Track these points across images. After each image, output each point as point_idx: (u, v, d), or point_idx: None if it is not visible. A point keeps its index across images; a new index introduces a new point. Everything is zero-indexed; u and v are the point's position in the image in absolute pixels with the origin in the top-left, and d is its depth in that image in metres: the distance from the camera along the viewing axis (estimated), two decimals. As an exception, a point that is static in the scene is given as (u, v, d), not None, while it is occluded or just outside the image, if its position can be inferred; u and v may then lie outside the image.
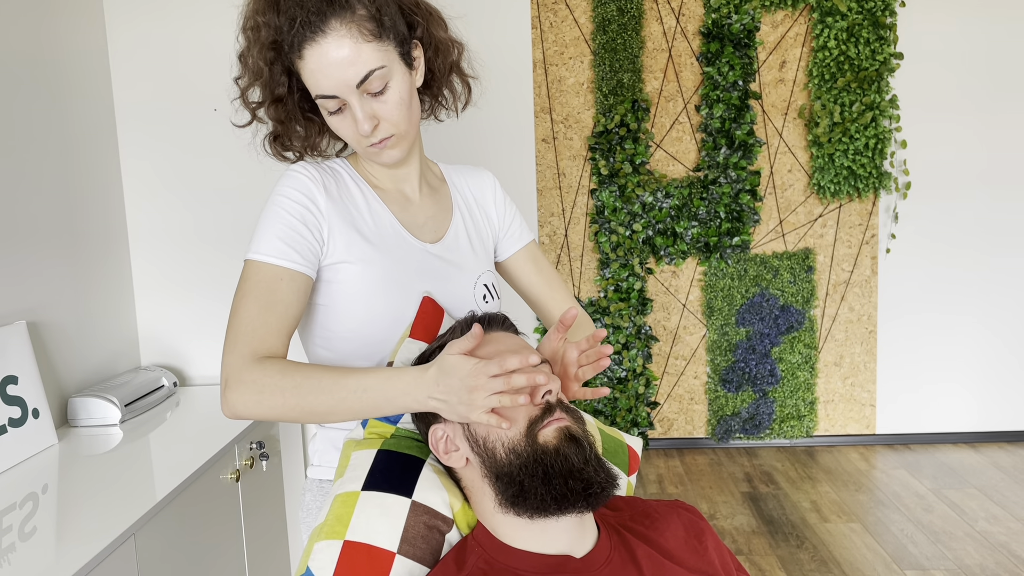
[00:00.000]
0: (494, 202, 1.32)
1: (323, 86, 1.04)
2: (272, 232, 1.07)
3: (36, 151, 1.98)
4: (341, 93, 1.04)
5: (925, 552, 2.74)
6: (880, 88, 3.57)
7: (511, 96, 3.71)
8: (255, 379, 0.99)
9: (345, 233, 1.12)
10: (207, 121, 2.30)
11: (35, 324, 1.95)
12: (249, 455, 1.96)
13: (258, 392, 0.98)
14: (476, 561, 0.92)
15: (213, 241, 2.35)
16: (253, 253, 1.07)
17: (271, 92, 1.10)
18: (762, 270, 3.76)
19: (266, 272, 1.05)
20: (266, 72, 1.07)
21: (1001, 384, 3.81)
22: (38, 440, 1.80)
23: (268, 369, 0.99)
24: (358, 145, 1.11)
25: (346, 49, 1.02)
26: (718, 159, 3.67)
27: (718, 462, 3.71)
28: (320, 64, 1.02)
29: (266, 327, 1.03)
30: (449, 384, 0.90)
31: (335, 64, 1.02)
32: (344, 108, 1.07)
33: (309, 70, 1.04)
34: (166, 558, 1.53)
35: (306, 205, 1.10)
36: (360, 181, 1.18)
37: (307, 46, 1.02)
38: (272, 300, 1.04)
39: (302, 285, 1.07)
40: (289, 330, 1.06)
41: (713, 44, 3.60)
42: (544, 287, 1.33)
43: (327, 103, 1.06)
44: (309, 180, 1.11)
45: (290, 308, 1.05)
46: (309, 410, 0.99)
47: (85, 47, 2.19)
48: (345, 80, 1.03)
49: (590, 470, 0.90)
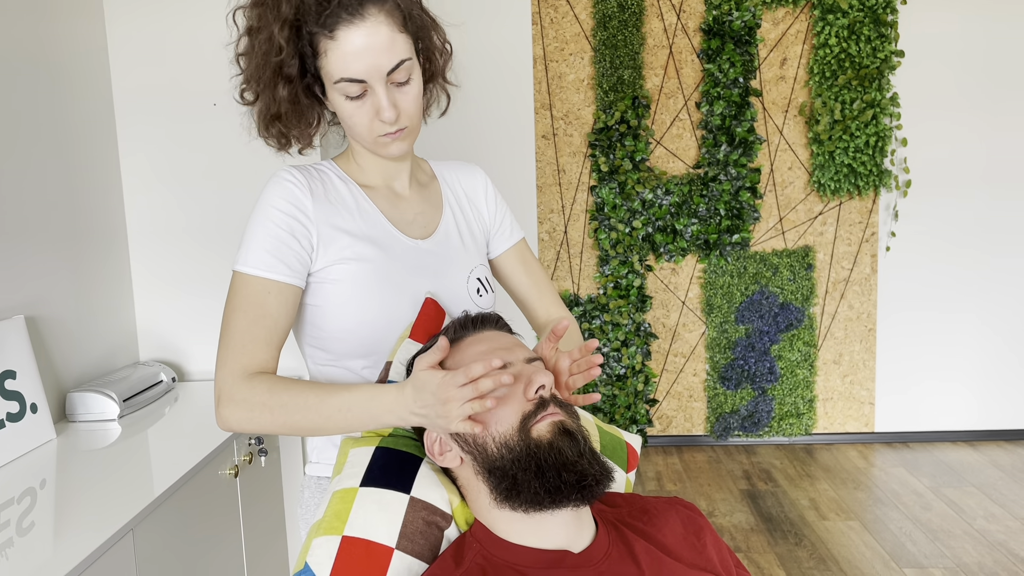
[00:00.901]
0: (485, 198, 1.31)
1: (353, 69, 1.03)
2: (258, 243, 1.07)
3: (35, 145, 1.98)
4: (370, 78, 1.04)
5: (923, 550, 2.74)
6: (881, 86, 3.57)
7: (511, 92, 3.71)
8: (245, 397, 1.01)
9: (335, 235, 1.11)
10: (207, 116, 2.29)
11: (33, 319, 1.94)
12: (248, 451, 1.96)
13: (248, 410, 1.01)
14: (474, 557, 0.92)
15: (212, 236, 2.34)
16: (241, 265, 1.07)
17: (283, 71, 1.07)
18: (762, 267, 3.76)
19: (254, 285, 1.06)
20: (284, 49, 1.05)
21: (1000, 383, 3.81)
22: (36, 435, 1.80)
23: (257, 388, 1.01)
24: (370, 135, 1.09)
25: (383, 35, 1.02)
26: (718, 156, 3.66)
27: (717, 459, 3.71)
28: (355, 47, 1.02)
29: (255, 342, 1.05)
30: (424, 400, 0.91)
31: (370, 49, 1.02)
32: (365, 95, 1.06)
33: (340, 52, 1.03)
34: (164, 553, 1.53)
35: (293, 214, 1.09)
36: (348, 180, 1.18)
37: (341, 27, 1.01)
38: (261, 314, 1.05)
39: (290, 297, 1.08)
40: (279, 342, 1.07)
41: (714, 41, 3.59)
42: (532, 288, 1.33)
43: (350, 88, 1.05)
44: (295, 186, 1.11)
45: (279, 321, 1.07)
46: (298, 428, 1.01)
47: (84, 41, 2.19)
48: (377, 66, 1.03)
49: (584, 463, 0.90)
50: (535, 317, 1.33)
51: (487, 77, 3.70)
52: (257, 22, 1.07)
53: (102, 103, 2.26)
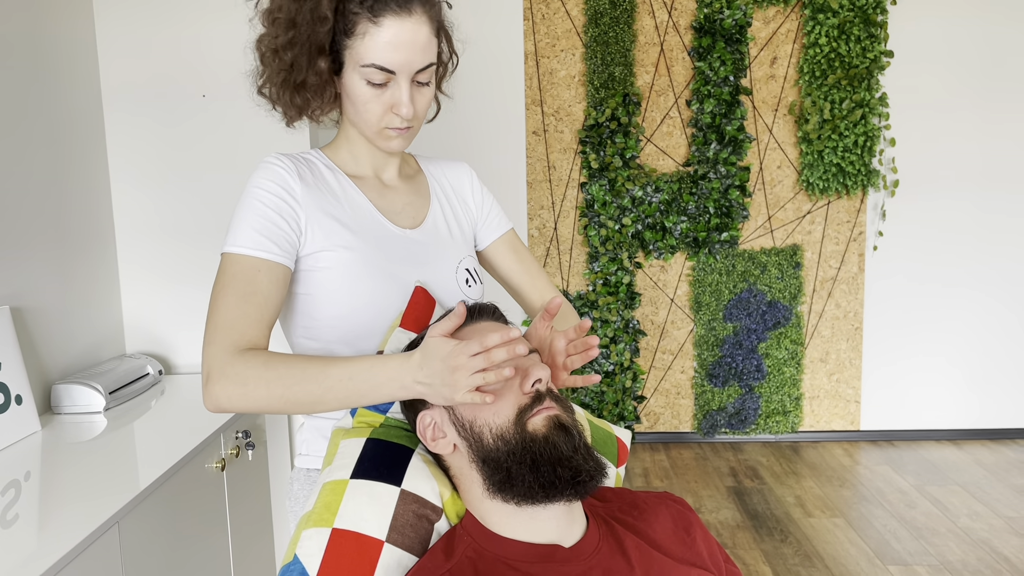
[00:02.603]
0: (471, 190, 1.33)
1: (387, 59, 1.04)
2: (248, 224, 1.06)
3: (23, 138, 1.96)
4: (400, 71, 1.05)
5: (908, 548, 2.76)
6: (870, 86, 3.59)
7: (502, 88, 3.70)
8: (238, 372, 0.98)
9: (323, 220, 1.11)
10: (195, 110, 2.28)
11: (19, 310, 1.93)
12: (235, 444, 1.94)
13: (242, 384, 0.98)
14: (465, 550, 0.92)
15: (200, 229, 2.33)
16: (229, 246, 1.06)
17: (321, 41, 1.06)
18: (750, 266, 3.77)
19: (244, 264, 1.05)
20: (331, 20, 1.04)
21: (985, 382, 3.85)
22: (21, 427, 1.79)
23: (251, 361, 0.99)
24: (377, 124, 1.10)
25: (424, 34, 1.05)
26: (708, 154, 3.67)
27: (703, 456, 3.72)
28: (398, 38, 1.03)
29: (246, 319, 1.02)
30: (432, 367, 0.90)
31: (411, 44, 1.04)
32: (387, 85, 1.07)
33: (380, 39, 1.03)
34: (150, 547, 1.52)
35: (281, 196, 1.09)
36: (336, 170, 1.18)
37: (389, 15, 1.03)
38: (251, 291, 1.03)
39: (280, 276, 1.07)
40: (269, 321, 1.05)
41: (705, 39, 3.60)
42: (524, 275, 1.34)
43: (376, 75, 1.05)
44: (283, 170, 1.11)
45: (270, 299, 1.05)
46: (295, 400, 0.98)
47: (72, 32, 2.16)
48: (411, 62, 1.05)
49: (579, 458, 0.90)
50: (529, 302, 1.34)
51: (478, 73, 3.69)
52: None
53: (90, 96, 2.24)
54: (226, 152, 2.29)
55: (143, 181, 2.31)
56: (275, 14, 1.09)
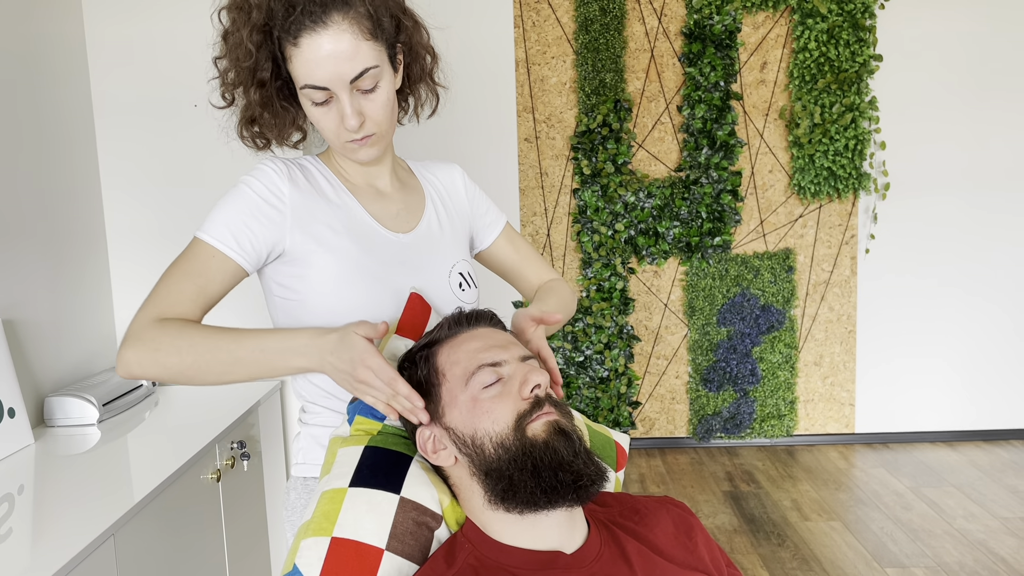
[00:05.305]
0: (464, 191, 1.34)
1: (316, 76, 1.03)
2: (223, 218, 1.08)
3: (13, 147, 1.95)
4: (332, 86, 1.04)
5: (905, 550, 2.76)
6: (860, 90, 3.60)
7: (494, 95, 3.70)
8: (152, 336, 1.00)
9: (311, 224, 1.11)
10: (187, 117, 2.27)
11: (11, 322, 1.91)
12: (230, 455, 1.93)
13: (154, 350, 0.99)
14: (466, 558, 0.91)
15: (193, 239, 2.32)
16: (200, 232, 1.08)
17: (254, 75, 1.08)
18: (743, 270, 3.78)
19: (203, 250, 1.07)
20: (253, 54, 1.06)
21: (978, 383, 3.86)
22: (14, 440, 1.77)
23: (168, 328, 1.01)
24: (337, 139, 1.11)
25: (345, 44, 1.02)
26: (700, 159, 3.68)
27: (699, 461, 3.72)
28: (317, 55, 1.02)
29: (181, 294, 1.04)
30: (343, 357, 0.95)
31: (333, 57, 1.02)
32: (330, 101, 1.07)
33: (303, 59, 1.03)
34: (146, 559, 1.50)
35: (266, 198, 1.10)
36: (331, 176, 1.18)
37: (305, 34, 1.02)
38: (195, 271, 1.06)
39: (232, 270, 1.08)
40: (204, 302, 1.07)
41: (695, 45, 3.61)
42: (521, 262, 1.40)
43: (314, 94, 1.06)
44: (275, 174, 1.11)
45: (211, 284, 1.07)
46: (205, 369, 1.00)
47: (63, 39, 2.16)
48: (340, 74, 1.03)
49: (579, 463, 0.90)
50: (527, 285, 1.39)
51: (469, 80, 3.70)
52: (231, 26, 1.08)
53: (81, 105, 2.23)
54: (218, 162, 2.28)
55: (135, 192, 2.30)
56: (215, 57, 1.13)
